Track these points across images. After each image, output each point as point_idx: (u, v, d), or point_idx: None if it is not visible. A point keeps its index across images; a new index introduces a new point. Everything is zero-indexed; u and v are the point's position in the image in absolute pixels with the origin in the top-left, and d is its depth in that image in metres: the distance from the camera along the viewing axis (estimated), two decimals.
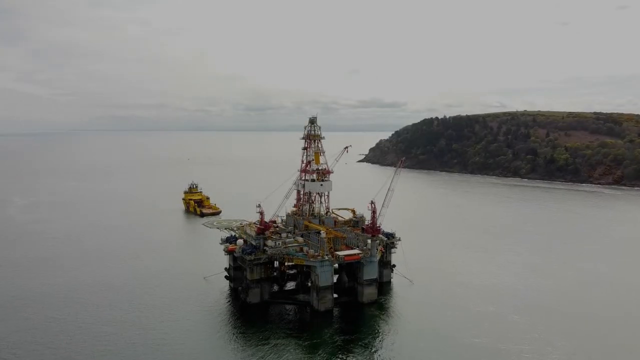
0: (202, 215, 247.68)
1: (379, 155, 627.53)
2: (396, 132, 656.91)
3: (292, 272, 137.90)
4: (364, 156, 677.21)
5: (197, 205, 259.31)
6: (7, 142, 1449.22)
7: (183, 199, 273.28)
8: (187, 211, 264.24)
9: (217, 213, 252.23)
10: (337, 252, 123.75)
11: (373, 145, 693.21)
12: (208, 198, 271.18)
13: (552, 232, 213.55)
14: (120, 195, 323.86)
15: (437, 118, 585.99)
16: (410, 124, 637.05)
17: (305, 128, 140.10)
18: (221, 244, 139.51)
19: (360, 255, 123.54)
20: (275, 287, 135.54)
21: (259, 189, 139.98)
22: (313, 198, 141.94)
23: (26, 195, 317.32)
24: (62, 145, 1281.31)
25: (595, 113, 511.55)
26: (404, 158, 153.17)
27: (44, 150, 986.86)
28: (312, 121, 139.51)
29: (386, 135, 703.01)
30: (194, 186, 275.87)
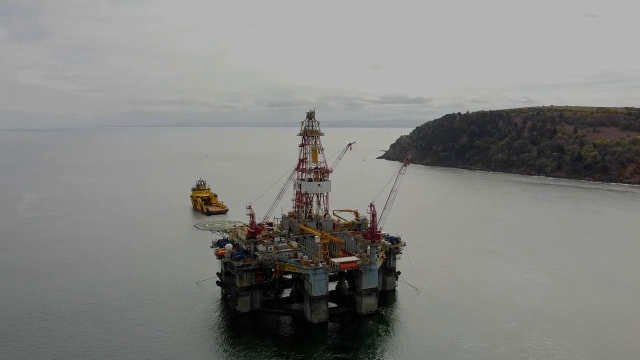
0: (209, 213, 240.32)
1: (398, 152, 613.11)
2: (417, 128, 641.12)
3: (288, 277, 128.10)
4: (384, 152, 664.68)
5: (204, 203, 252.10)
6: (37, 137, 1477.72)
7: (191, 197, 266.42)
8: (195, 209, 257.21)
9: (224, 211, 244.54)
10: (333, 259, 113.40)
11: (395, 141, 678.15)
12: (216, 195, 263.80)
13: (580, 237, 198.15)
14: (132, 192, 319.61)
15: (459, 113, 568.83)
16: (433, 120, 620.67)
17: (302, 123, 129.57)
18: (212, 247, 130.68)
19: (358, 262, 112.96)
20: (271, 294, 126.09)
21: (270, 187, 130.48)
22: (310, 199, 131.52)
23: (38, 191, 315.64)
24: (88, 140, 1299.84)
25: (626, 108, 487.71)
26: (409, 156, 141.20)
27: (70, 146, 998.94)
28: (310, 116, 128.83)
29: (410, 131, 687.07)
30: (202, 183, 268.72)
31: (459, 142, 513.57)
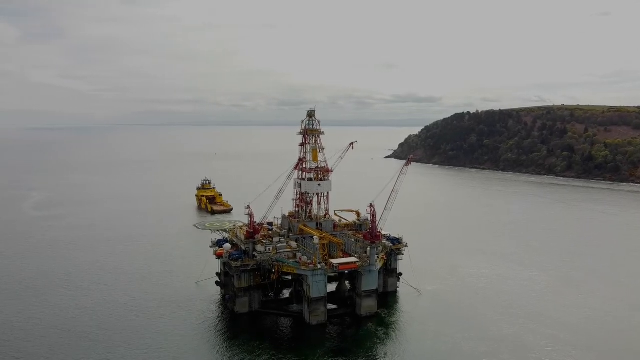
0: (213, 212, 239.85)
1: (407, 151, 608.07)
2: (426, 127, 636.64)
3: (288, 278, 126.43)
4: (392, 151, 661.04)
5: (208, 202, 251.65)
6: (50, 136, 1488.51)
7: (196, 196, 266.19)
8: (200, 208, 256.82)
9: (229, 210, 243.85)
10: (332, 260, 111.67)
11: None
12: (221, 195, 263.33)
13: (589, 239, 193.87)
14: (139, 191, 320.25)
15: (468, 112, 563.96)
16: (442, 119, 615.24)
17: (302, 122, 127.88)
18: (211, 247, 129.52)
19: (357, 263, 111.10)
20: (271, 295, 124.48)
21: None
22: (310, 199, 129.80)
23: (45, 190, 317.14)
24: (101, 139, 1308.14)
25: (639, 107, 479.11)
26: (411, 156, 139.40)
27: (82, 145, 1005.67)
28: (310, 115, 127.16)
29: (420, 130, 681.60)
30: (207, 182, 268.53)
31: (467, 142, 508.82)
